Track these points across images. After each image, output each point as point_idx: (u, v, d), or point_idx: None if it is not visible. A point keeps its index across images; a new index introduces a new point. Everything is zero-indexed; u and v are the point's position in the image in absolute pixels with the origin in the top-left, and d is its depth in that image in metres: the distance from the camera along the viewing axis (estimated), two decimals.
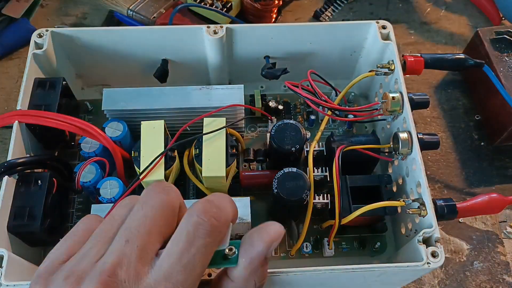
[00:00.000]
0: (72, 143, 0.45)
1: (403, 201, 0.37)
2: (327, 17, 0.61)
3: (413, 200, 0.37)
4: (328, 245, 0.41)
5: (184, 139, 0.39)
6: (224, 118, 0.41)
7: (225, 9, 0.55)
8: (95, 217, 0.26)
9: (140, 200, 0.25)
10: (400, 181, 0.41)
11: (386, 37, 0.44)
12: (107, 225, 0.25)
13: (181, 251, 0.23)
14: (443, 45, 0.59)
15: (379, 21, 0.45)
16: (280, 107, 0.48)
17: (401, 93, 0.40)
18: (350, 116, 0.43)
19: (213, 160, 0.39)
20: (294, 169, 0.38)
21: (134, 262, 0.22)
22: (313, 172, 0.39)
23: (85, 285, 0.22)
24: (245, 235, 0.25)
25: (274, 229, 0.25)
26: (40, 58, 0.43)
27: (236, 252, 0.25)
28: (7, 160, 0.37)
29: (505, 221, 0.47)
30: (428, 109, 0.50)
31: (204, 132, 0.39)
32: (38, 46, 0.43)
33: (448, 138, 0.52)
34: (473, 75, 0.54)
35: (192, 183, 0.44)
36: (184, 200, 0.26)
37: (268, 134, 0.41)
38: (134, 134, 0.43)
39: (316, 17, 0.61)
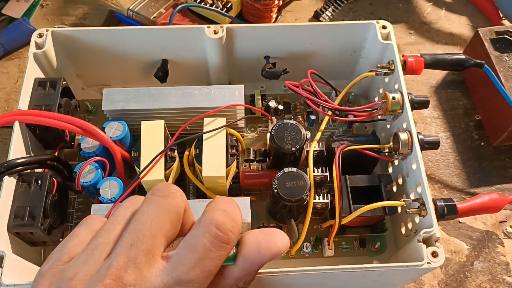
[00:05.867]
0: (72, 143, 0.45)
1: (403, 201, 0.37)
2: (327, 17, 0.61)
3: (413, 200, 0.37)
4: (328, 245, 0.41)
5: (184, 138, 0.39)
6: (224, 118, 0.41)
7: (225, 9, 0.55)
8: (98, 218, 0.26)
9: (146, 203, 0.24)
10: (400, 181, 0.41)
11: (386, 37, 0.44)
12: (110, 226, 0.24)
13: (196, 261, 0.23)
14: (443, 45, 0.59)
15: (379, 21, 0.45)
16: (280, 107, 0.48)
17: (401, 93, 0.40)
18: (350, 116, 0.43)
19: (213, 160, 0.39)
20: (294, 169, 0.38)
21: (140, 265, 0.22)
22: (313, 172, 0.39)
23: (89, 287, 0.21)
24: (248, 236, 0.25)
25: (283, 243, 0.25)
26: (40, 58, 0.43)
27: (235, 251, 0.25)
28: (7, 160, 0.37)
29: (505, 221, 0.47)
30: (428, 109, 0.50)
31: (204, 131, 0.40)
32: (38, 46, 0.43)
33: (448, 138, 0.52)
34: (473, 75, 0.54)
35: (192, 183, 0.44)
36: None
37: (268, 134, 0.41)
38: (134, 134, 0.43)
39: (316, 17, 0.61)
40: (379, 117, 0.42)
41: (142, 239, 0.23)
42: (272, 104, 0.47)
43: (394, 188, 0.42)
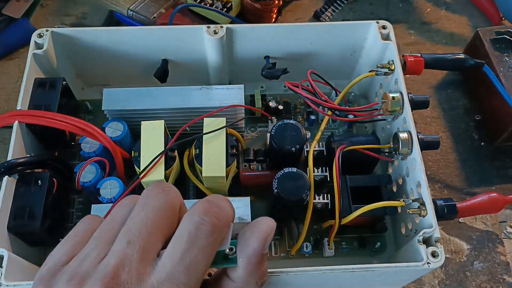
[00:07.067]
0: (72, 143, 0.45)
1: (403, 201, 0.37)
2: (327, 17, 0.61)
3: (413, 200, 0.37)
4: (328, 245, 0.41)
5: (184, 139, 0.39)
6: (224, 118, 0.41)
7: (225, 9, 0.55)
8: (95, 218, 0.26)
9: (141, 201, 0.24)
10: (400, 181, 0.41)
11: (386, 37, 0.44)
12: (108, 225, 0.25)
13: (183, 251, 0.23)
14: (443, 45, 0.59)
15: (379, 21, 0.45)
16: (280, 107, 0.48)
17: (401, 93, 0.40)
18: (350, 116, 0.43)
19: (213, 160, 0.39)
20: (294, 169, 0.38)
21: (136, 263, 0.22)
22: (313, 172, 0.39)
23: (88, 287, 0.22)
24: (239, 234, 0.25)
25: (265, 224, 0.25)
26: (40, 58, 0.43)
27: (235, 251, 0.25)
28: (7, 160, 0.37)
29: (505, 221, 0.47)
30: (428, 109, 0.50)
31: (204, 132, 0.40)
32: (38, 46, 0.43)
33: (448, 138, 0.52)
34: (473, 75, 0.54)
35: (192, 183, 0.44)
36: (184, 200, 0.26)
37: (268, 134, 0.41)
38: (134, 134, 0.43)
39: (316, 17, 0.61)
40: (379, 117, 0.42)
41: (139, 237, 0.23)
42: (272, 104, 0.47)
43: (394, 188, 0.42)
